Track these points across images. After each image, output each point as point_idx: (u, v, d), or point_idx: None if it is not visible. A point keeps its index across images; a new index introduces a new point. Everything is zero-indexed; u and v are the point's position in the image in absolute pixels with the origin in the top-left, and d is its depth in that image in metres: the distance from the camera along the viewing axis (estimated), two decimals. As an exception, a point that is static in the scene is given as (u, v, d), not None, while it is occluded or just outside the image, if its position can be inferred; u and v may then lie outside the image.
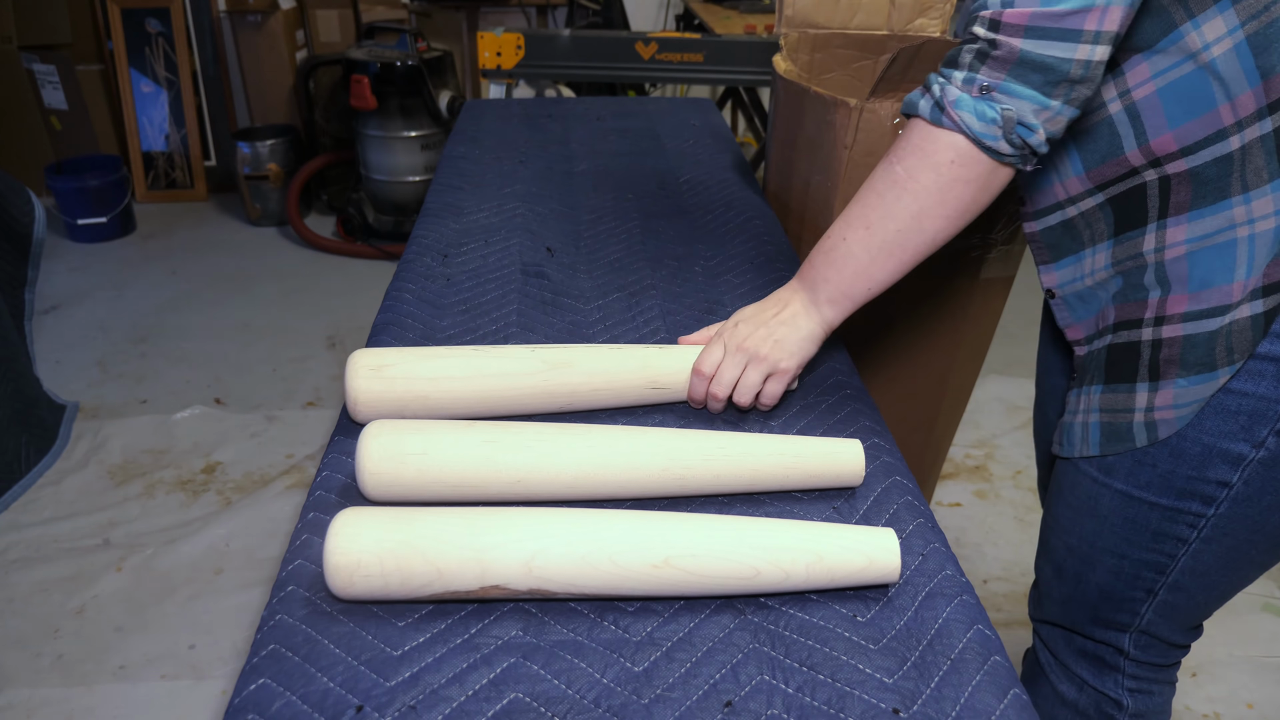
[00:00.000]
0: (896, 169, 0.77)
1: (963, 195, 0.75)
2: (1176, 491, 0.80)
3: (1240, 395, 0.75)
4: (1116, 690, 0.95)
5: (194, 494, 2.05)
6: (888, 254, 0.80)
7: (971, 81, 0.71)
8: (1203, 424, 0.77)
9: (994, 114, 0.70)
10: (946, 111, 0.72)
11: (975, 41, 0.70)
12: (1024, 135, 0.71)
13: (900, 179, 0.76)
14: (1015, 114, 0.70)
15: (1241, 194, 0.72)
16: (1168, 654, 0.94)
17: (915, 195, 0.76)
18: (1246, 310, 0.73)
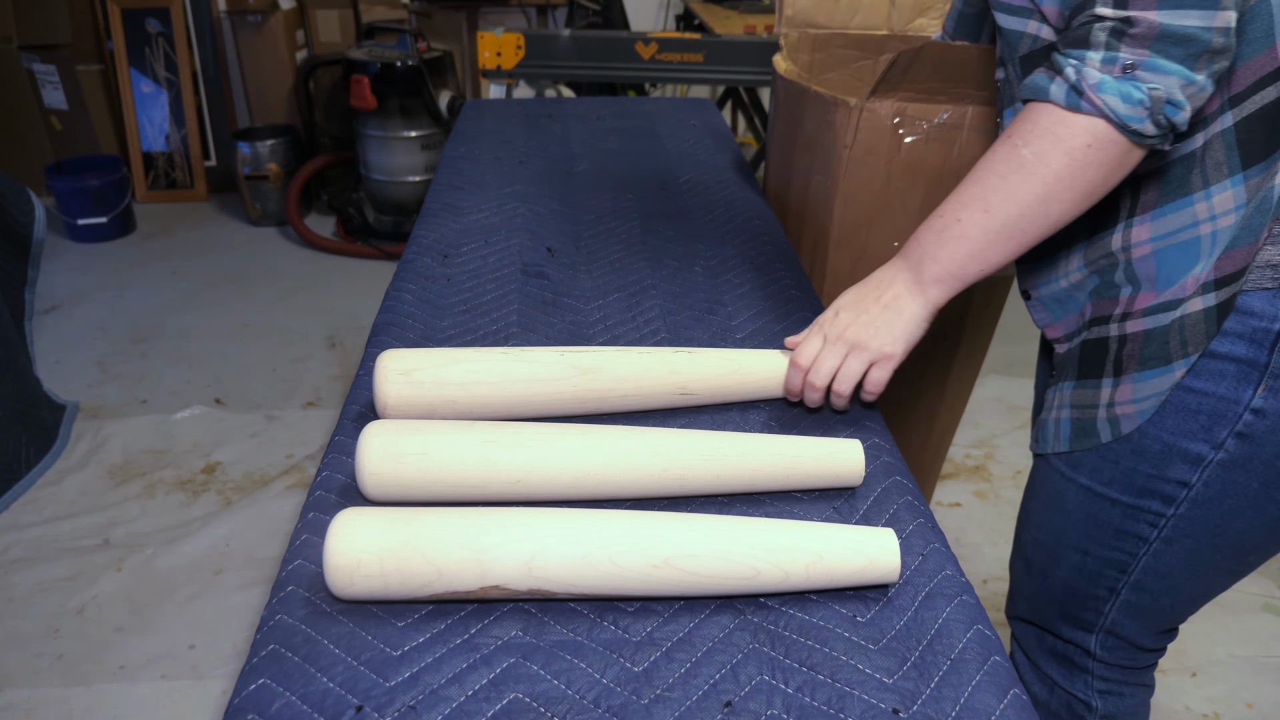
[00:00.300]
0: (1023, 152, 0.72)
1: (1094, 179, 0.71)
2: (1138, 489, 0.81)
3: (1201, 395, 0.75)
4: (1086, 692, 0.96)
5: (194, 494, 2.05)
6: (1007, 237, 0.76)
7: (1113, 61, 0.66)
8: (1164, 422, 0.78)
9: (1141, 94, 0.66)
10: (1086, 95, 0.68)
11: (1101, 20, 0.66)
12: (1171, 114, 0.67)
13: (1027, 163, 0.72)
14: (1164, 92, 0.66)
15: (1203, 189, 0.72)
16: (1136, 657, 0.93)
17: (1043, 180, 0.72)
18: (1199, 303, 0.74)
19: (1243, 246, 0.72)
